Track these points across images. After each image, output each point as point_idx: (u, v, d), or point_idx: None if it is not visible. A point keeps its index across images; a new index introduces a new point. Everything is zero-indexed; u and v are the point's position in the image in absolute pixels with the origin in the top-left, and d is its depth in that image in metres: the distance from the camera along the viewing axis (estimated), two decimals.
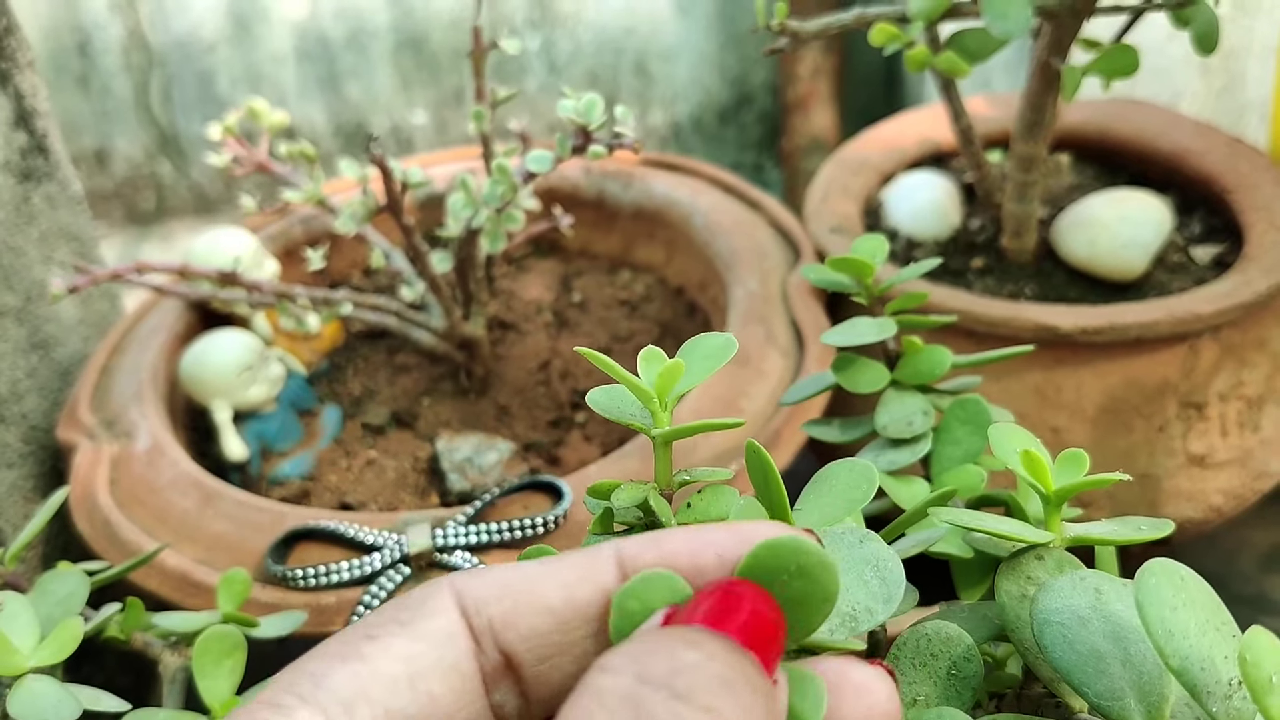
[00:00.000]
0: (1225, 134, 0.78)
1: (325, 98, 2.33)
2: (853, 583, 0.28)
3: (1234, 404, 0.66)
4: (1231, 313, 0.63)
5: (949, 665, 0.31)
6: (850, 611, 0.28)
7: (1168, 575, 0.28)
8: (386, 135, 2.35)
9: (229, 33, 2.20)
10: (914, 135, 0.83)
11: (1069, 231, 0.71)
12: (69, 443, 0.65)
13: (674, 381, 0.30)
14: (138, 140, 2.23)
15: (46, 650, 0.40)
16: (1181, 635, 0.27)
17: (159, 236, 2.31)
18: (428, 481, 0.67)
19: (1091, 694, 0.29)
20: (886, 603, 0.28)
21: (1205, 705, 0.27)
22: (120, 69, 2.17)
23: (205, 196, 2.46)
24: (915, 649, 0.31)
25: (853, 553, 0.29)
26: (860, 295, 0.48)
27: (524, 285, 0.80)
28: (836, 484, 0.34)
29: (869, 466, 0.34)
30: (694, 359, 0.31)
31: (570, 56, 2.33)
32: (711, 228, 0.75)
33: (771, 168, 1.80)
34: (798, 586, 0.24)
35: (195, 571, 0.55)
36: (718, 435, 0.61)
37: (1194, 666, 0.27)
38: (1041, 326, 0.62)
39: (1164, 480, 0.65)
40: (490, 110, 0.66)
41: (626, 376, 0.29)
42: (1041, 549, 0.34)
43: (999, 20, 0.55)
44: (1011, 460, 0.35)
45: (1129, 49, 0.58)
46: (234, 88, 2.28)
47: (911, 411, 0.45)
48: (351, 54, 2.28)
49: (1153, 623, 0.27)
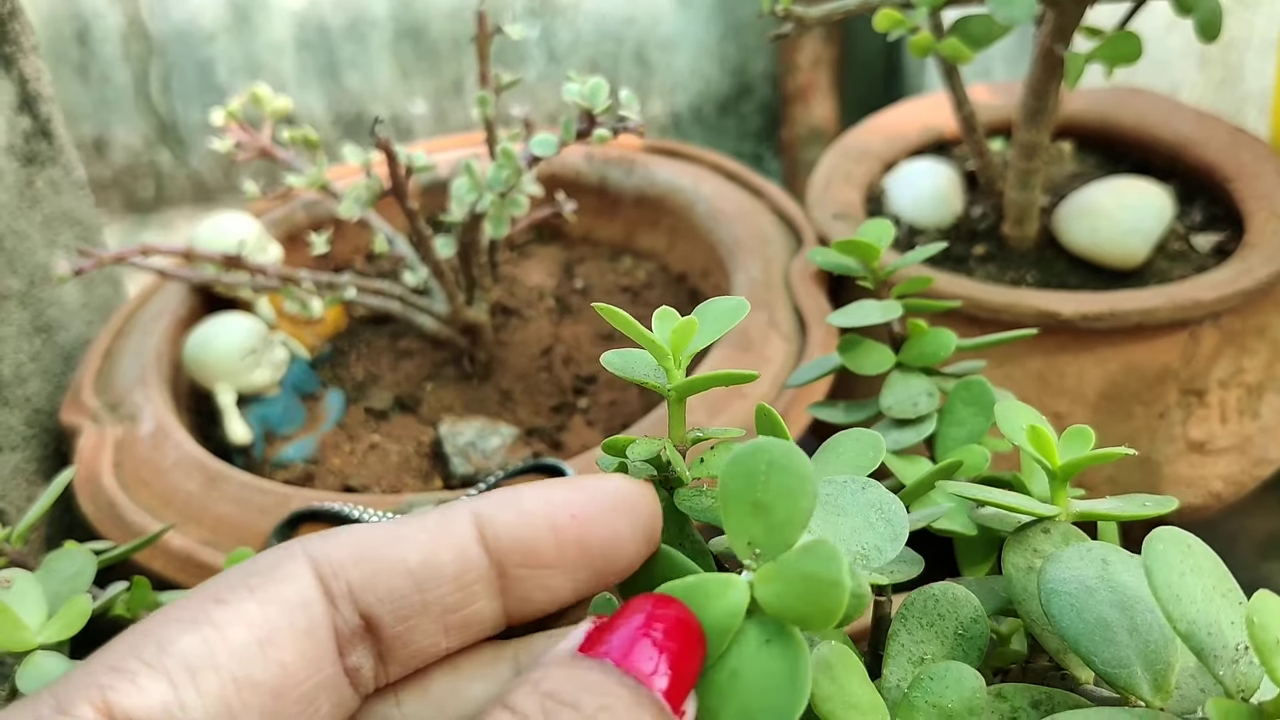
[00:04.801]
0: (1227, 123, 0.79)
1: (324, 87, 2.33)
2: (860, 526, 0.29)
3: (1234, 391, 0.66)
4: (1232, 300, 0.63)
5: (956, 626, 0.31)
6: (861, 551, 0.28)
7: (1175, 542, 0.28)
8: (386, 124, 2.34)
9: (228, 22, 2.20)
10: (916, 123, 0.83)
11: (1071, 219, 0.72)
12: (73, 426, 0.65)
13: (688, 338, 0.30)
14: (137, 129, 2.23)
15: (54, 627, 0.40)
16: (1189, 600, 0.27)
17: (158, 225, 2.31)
18: (431, 465, 0.67)
19: (1099, 662, 0.30)
20: (894, 541, 0.28)
21: (1213, 669, 0.27)
22: (120, 57, 2.16)
23: (204, 185, 2.45)
24: (923, 609, 0.32)
25: (856, 498, 0.29)
26: (866, 279, 0.48)
27: (526, 271, 0.80)
28: (844, 452, 0.34)
29: (876, 436, 0.34)
30: (707, 318, 0.31)
31: (570, 45, 2.33)
32: (714, 214, 0.76)
33: (771, 158, 1.80)
34: (776, 481, 0.24)
35: (200, 553, 0.55)
36: (728, 416, 0.61)
37: (1201, 631, 0.27)
38: (1043, 312, 0.63)
39: (1164, 466, 0.65)
40: (495, 95, 0.66)
41: (643, 333, 0.30)
42: (1048, 522, 0.34)
43: (1003, 6, 0.55)
44: (1018, 436, 0.36)
45: (1132, 36, 0.58)
46: (233, 77, 2.27)
47: (916, 393, 0.45)
48: (351, 43, 2.28)
49: (1160, 588, 0.27)
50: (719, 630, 0.24)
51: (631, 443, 0.30)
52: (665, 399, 0.31)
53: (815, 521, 0.29)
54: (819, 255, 0.48)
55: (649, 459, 0.30)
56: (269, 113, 0.77)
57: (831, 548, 0.23)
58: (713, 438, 0.31)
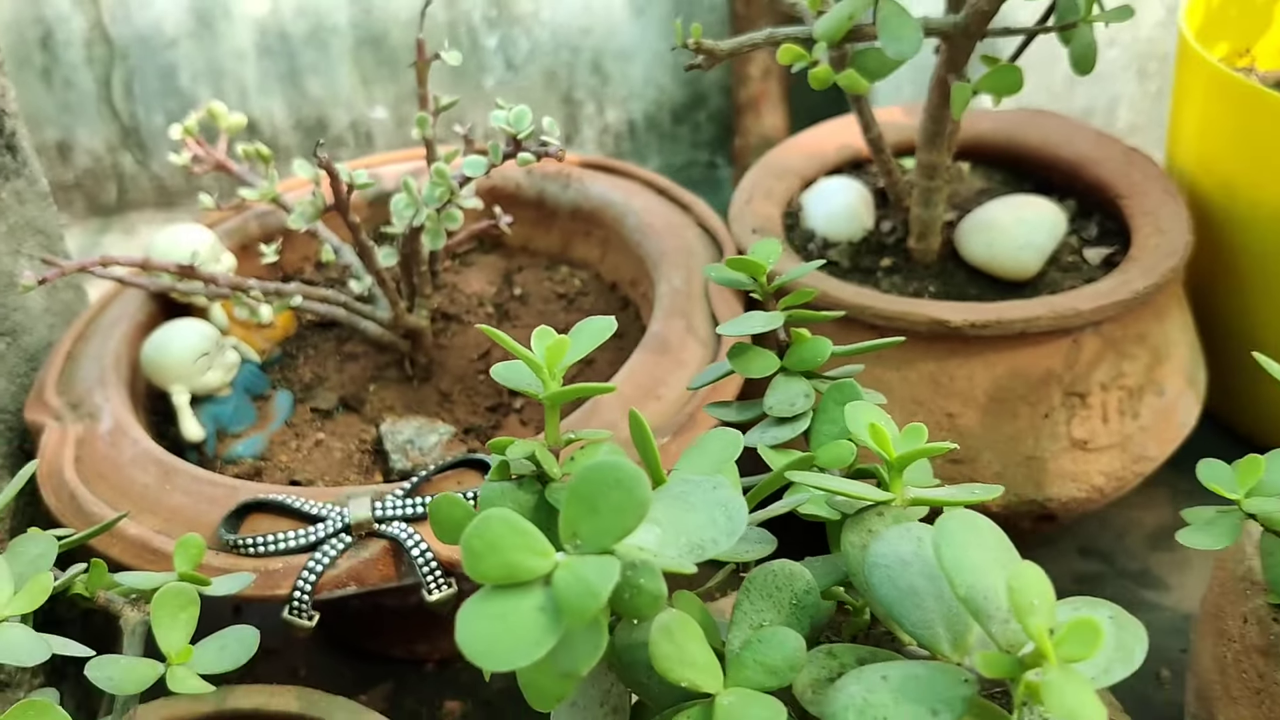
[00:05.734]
0: (1122, 144, 0.85)
1: (286, 93, 2.36)
2: (704, 521, 0.34)
3: (1115, 393, 0.72)
4: (1110, 310, 0.69)
5: (791, 597, 0.37)
6: (699, 541, 0.33)
7: (963, 521, 0.34)
8: (346, 130, 2.38)
9: (190, 28, 2.23)
10: (835, 142, 0.88)
11: (970, 234, 0.77)
12: (37, 424, 0.70)
13: (561, 354, 0.35)
14: (99, 133, 2.26)
15: (20, 601, 0.45)
16: (970, 570, 0.33)
17: (120, 229, 2.34)
18: (372, 461, 0.72)
19: (908, 624, 0.35)
20: (729, 535, 0.33)
21: (987, 627, 0.32)
22: (82, 62, 2.19)
23: (166, 189, 2.48)
24: (763, 583, 0.37)
25: (706, 497, 0.34)
26: (757, 291, 0.54)
27: (467, 279, 0.85)
28: (710, 447, 0.40)
29: (735, 434, 0.40)
30: (579, 337, 0.37)
31: (528, 55, 2.37)
32: (643, 228, 0.81)
33: (725, 165, 1.86)
34: (614, 496, 0.29)
35: (154, 540, 0.60)
36: (650, 412, 0.66)
37: (978, 595, 0.32)
38: (934, 320, 0.68)
39: (1049, 462, 0.71)
40: (434, 116, 0.71)
41: (521, 350, 0.35)
42: (883, 506, 0.40)
43: (894, 42, 0.60)
44: (861, 432, 0.41)
45: (1014, 69, 0.64)
46: (195, 82, 2.31)
47: (795, 394, 0.50)
48: (312, 50, 2.31)
49: (945, 559, 0.32)
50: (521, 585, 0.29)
51: (511, 443, 0.35)
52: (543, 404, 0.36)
53: (667, 515, 0.34)
54: (713, 271, 0.54)
55: (525, 457, 0.35)
56: (225, 128, 0.81)
57: (609, 569, 0.28)
58: (583, 439, 0.37)
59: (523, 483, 0.36)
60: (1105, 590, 0.81)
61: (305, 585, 0.58)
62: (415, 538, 0.58)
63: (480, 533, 0.29)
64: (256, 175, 0.80)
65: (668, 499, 0.35)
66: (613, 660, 0.36)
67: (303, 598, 0.58)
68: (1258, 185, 0.78)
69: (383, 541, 0.59)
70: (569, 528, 0.30)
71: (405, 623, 0.76)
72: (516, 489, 0.36)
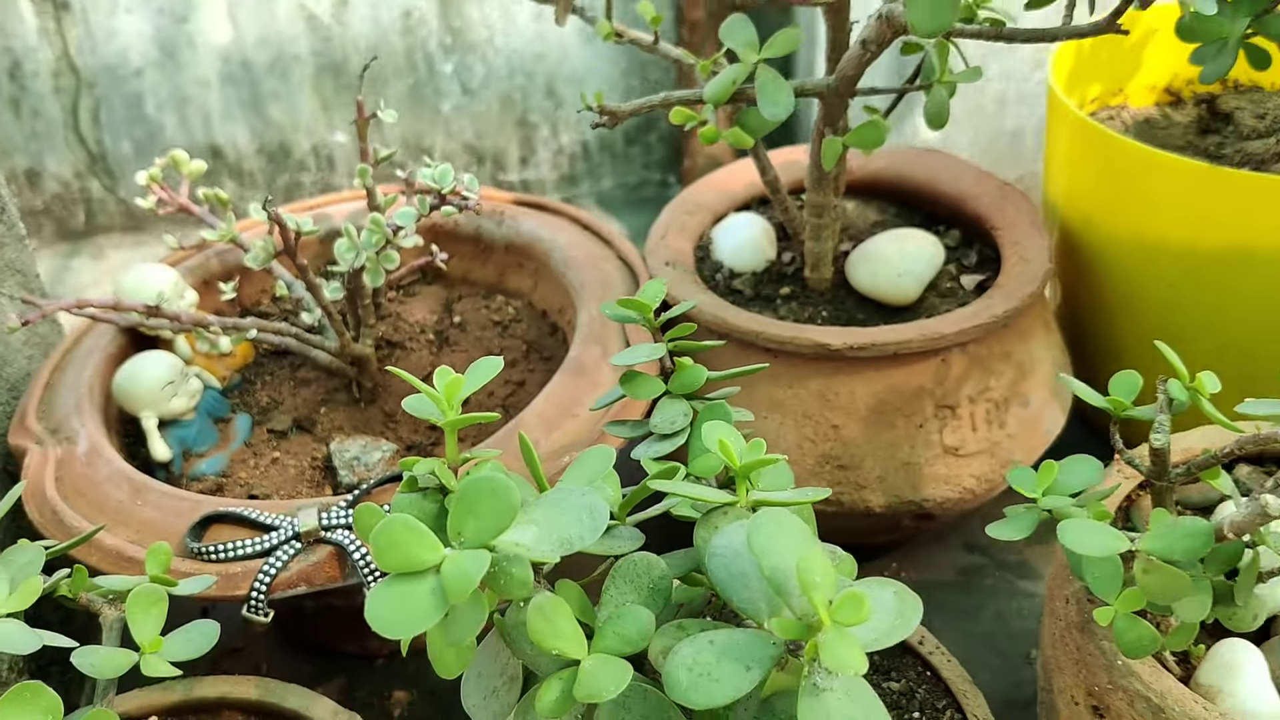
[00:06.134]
0: (998, 180, 0.94)
1: (249, 119, 2.43)
2: (572, 521, 0.42)
3: (982, 405, 0.81)
4: (973, 332, 0.79)
5: (649, 582, 0.46)
6: (568, 538, 0.42)
7: (774, 516, 0.42)
8: (309, 154, 2.45)
9: (155, 58, 2.30)
10: (744, 180, 0.98)
11: (858, 264, 0.87)
12: (19, 448, 0.78)
13: (458, 389, 0.44)
14: (67, 160, 2.32)
15: (14, 601, 0.53)
16: (774, 555, 0.41)
17: (89, 253, 2.41)
18: (323, 477, 0.80)
19: (737, 601, 0.44)
20: (593, 532, 0.42)
21: (787, 601, 0.41)
22: (50, 92, 2.25)
23: (133, 213, 2.54)
24: (627, 571, 0.46)
25: (575, 502, 0.43)
26: (645, 326, 0.63)
27: (411, 309, 0.94)
28: (587, 462, 0.49)
29: (609, 450, 0.49)
30: (473, 374, 0.45)
31: (484, 80, 2.46)
32: (568, 261, 0.90)
33: (677, 184, 1.95)
34: (489, 503, 0.38)
35: (127, 549, 0.68)
36: (566, 429, 0.75)
37: (780, 575, 0.41)
38: (818, 344, 0.77)
39: (924, 467, 0.80)
40: (373, 167, 0.80)
41: (424, 386, 0.43)
42: (728, 508, 0.49)
43: (770, 105, 0.69)
44: (713, 446, 0.50)
45: (876, 125, 0.73)
46: (161, 110, 2.38)
47: (675, 414, 0.59)
48: (274, 78, 2.39)
49: (754, 546, 0.41)
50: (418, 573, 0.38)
51: (417, 462, 0.44)
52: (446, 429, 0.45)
53: (544, 516, 0.43)
54: (607, 309, 0.62)
55: (429, 472, 0.44)
56: (186, 174, 0.89)
57: (482, 560, 0.37)
58: (476, 457, 0.45)
59: (427, 494, 0.44)
60: (986, 580, 0.91)
61: (261, 585, 0.66)
62: (356, 543, 0.66)
63: (384, 533, 0.38)
64: (215, 217, 0.88)
65: (545, 504, 0.44)
66: (506, 636, 0.45)
67: (259, 597, 0.66)
68: (1113, 219, 0.88)
69: (329, 547, 0.67)
70: (455, 528, 0.39)
71: (355, 621, 0.84)
72: (422, 499, 0.44)
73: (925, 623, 0.86)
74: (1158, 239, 0.84)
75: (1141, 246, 0.86)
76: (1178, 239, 0.83)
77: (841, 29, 0.75)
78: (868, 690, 0.40)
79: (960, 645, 0.84)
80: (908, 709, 0.66)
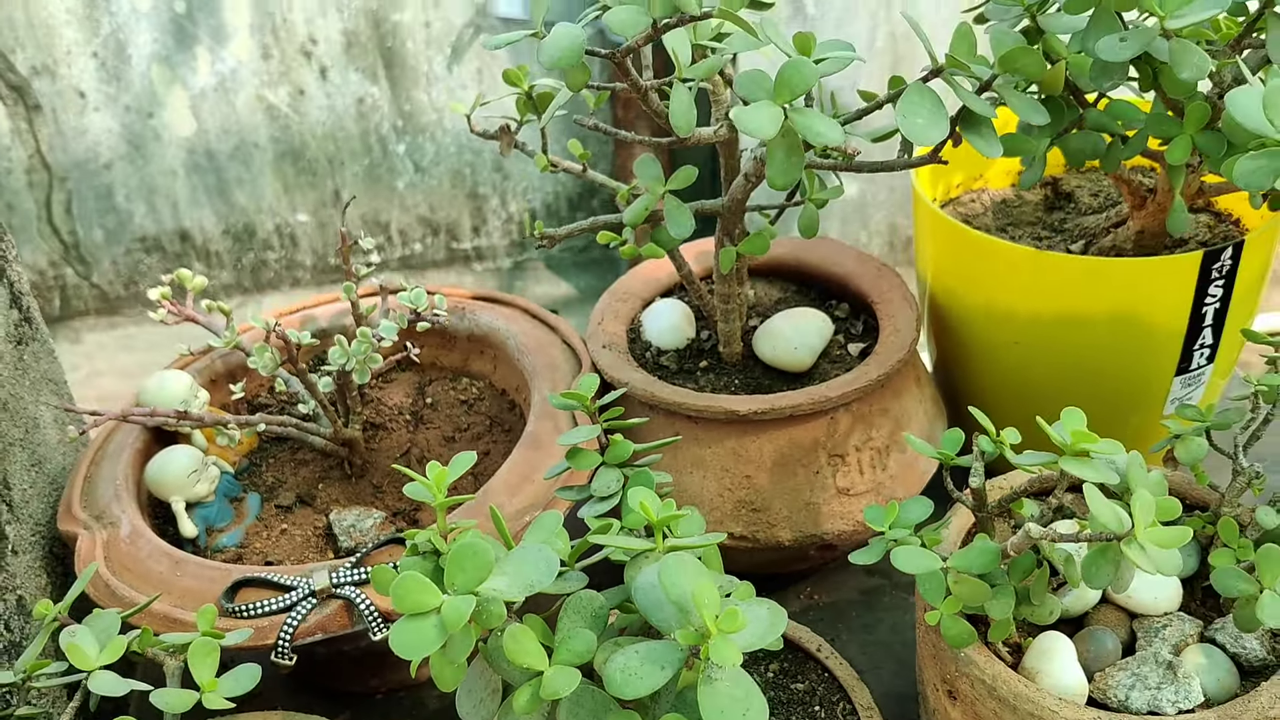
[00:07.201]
0: (877, 261, 1.13)
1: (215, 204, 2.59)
2: (533, 570, 0.59)
3: (867, 453, 0.99)
4: (853, 394, 0.96)
5: (592, 612, 0.62)
6: (531, 582, 0.58)
7: (678, 558, 0.59)
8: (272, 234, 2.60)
9: (124, 151, 2.45)
10: (667, 270, 1.15)
11: (761, 339, 1.04)
12: (70, 533, 0.93)
13: (444, 479, 0.61)
14: (42, 250, 2.47)
15: (105, 655, 0.69)
16: (678, 586, 0.58)
17: (65, 338, 2.55)
18: (325, 543, 0.96)
19: (654, 620, 0.60)
20: (549, 577, 0.59)
21: (688, 619, 0.58)
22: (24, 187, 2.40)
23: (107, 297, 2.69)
24: (575, 604, 0.62)
25: (535, 555, 0.60)
26: (585, 410, 0.80)
27: (388, 394, 1.11)
28: (543, 523, 0.66)
29: (557, 514, 0.66)
30: (455, 465, 0.62)
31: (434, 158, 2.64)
32: (521, 348, 1.07)
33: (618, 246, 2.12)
34: (473, 561, 0.54)
35: (173, 612, 0.84)
36: (526, 494, 0.91)
37: (682, 600, 0.58)
38: (728, 410, 0.95)
39: (822, 506, 0.98)
40: (356, 284, 0.97)
41: (419, 478, 0.60)
42: (649, 553, 0.66)
43: (675, 226, 0.87)
44: (637, 506, 0.67)
45: (763, 235, 0.91)
46: (131, 200, 2.53)
47: (610, 480, 0.76)
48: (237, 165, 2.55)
49: (663, 580, 0.58)
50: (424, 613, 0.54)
51: (416, 534, 0.60)
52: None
53: (513, 567, 0.59)
54: (554, 400, 0.79)
55: (426, 540, 0.60)
56: (191, 288, 1.05)
57: (469, 603, 0.53)
58: (460, 527, 0.62)
59: (425, 555, 0.61)
60: (884, 598, 1.08)
61: (286, 634, 0.82)
62: (362, 596, 0.83)
63: (400, 586, 0.55)
64: (217, 324, 1.04)
65: (513, 559, 0.60)
66: (488, 657, 0.61)
67: (284, 644, 0.82)
68: (969, 292, 1.06)
69: (339, 601, 0.83)
70: (449, 580, 0.55)
71: (359, 664, 1.00)
72: (422, 559, 0.61)
73: (833, 635, 1.04)
74: (1005, 307, 1.03)
75: (992, 314, 1.04)
76: (1020, 307, 1.02)
77: (732, 157, 0.93)
78: (747, 678, 0.57)
79: (863, 652, 1.01)
80: (809, 704, 0.83)
